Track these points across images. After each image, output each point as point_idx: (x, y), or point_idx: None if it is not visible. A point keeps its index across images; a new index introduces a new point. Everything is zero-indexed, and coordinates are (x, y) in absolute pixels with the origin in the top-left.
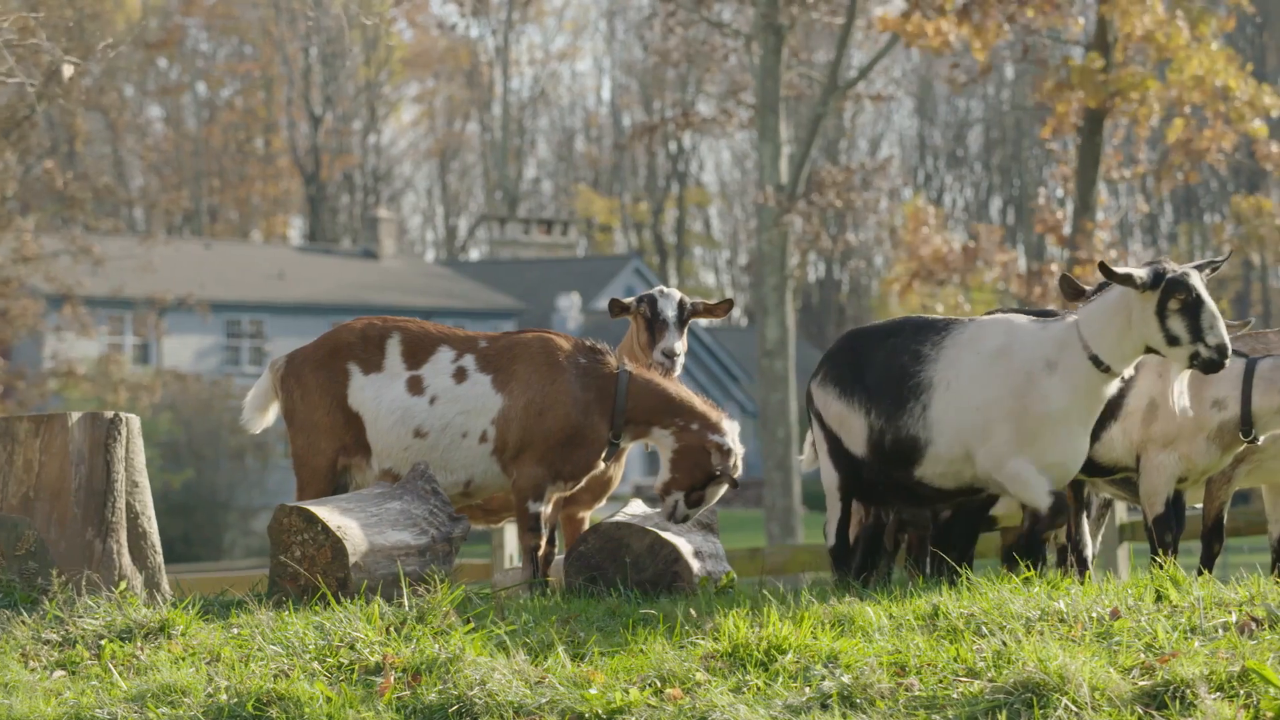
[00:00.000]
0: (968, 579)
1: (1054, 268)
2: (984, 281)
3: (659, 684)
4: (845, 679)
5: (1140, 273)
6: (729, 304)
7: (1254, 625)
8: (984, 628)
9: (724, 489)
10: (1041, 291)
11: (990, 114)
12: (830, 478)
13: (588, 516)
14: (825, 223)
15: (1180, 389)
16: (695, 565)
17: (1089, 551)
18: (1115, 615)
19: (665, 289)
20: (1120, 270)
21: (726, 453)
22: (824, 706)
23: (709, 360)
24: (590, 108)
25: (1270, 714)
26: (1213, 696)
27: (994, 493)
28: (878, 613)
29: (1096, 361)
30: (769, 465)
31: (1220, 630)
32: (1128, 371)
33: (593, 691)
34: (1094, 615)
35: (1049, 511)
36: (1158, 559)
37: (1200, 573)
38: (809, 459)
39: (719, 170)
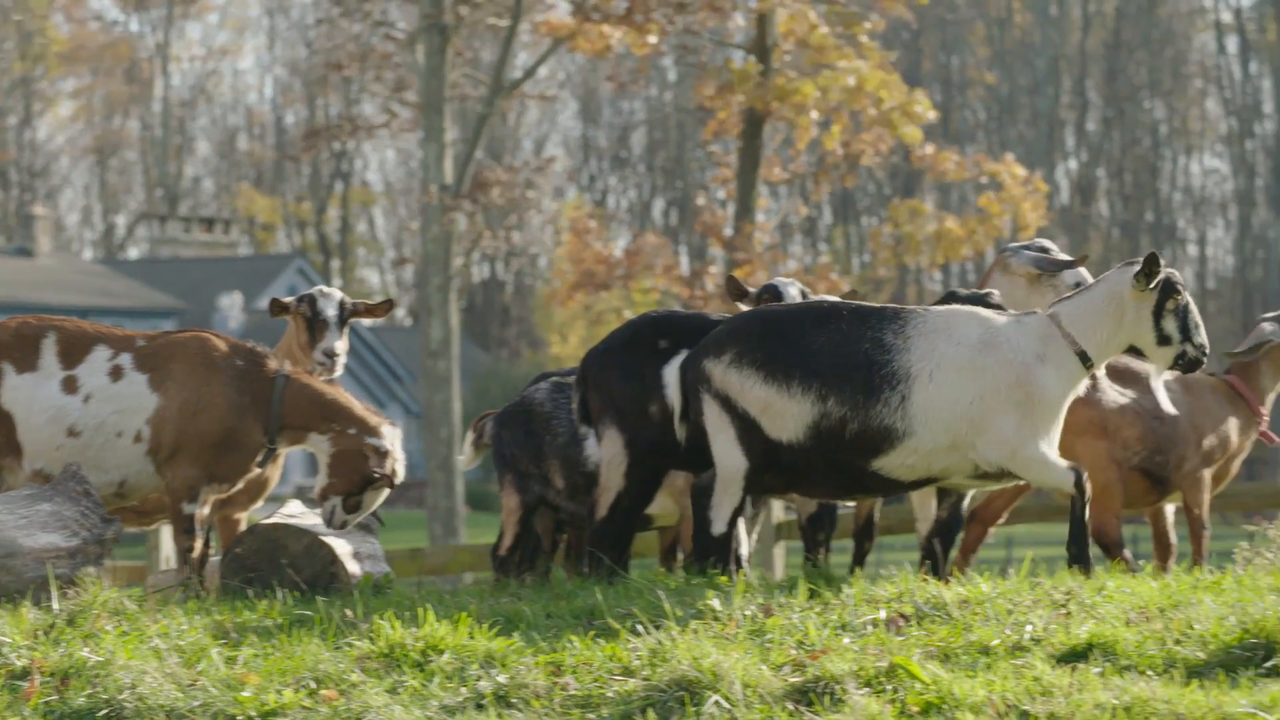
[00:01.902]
0: (625, 578)
1: (712, 269)
2: (647, 285)
3: (314, 685)
4: (502, 679)
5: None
6: (390, 304)
7: (902, 621)
8: (640, 626)
9: (384, 494)
10: (703, 293)
11: (654, 116)
12: (734, 463)
13: (244, 517)
14: (490, 223)
15: (1163, 394)
16: (353, 566)
17: (744, 550)
18: (768, 613)
19: (325, 289)
20: (1158, 272)
21: (384, 455)
22: (479, 707)
23: (372, 360)
24: (253, 105)
25: (916, 708)
26: (861, 692)
27: (953, 486)
28: (536, 612)
29: (1083, 357)
30: (432, 465)
31: (870, 627)
32: (1101, 370)
33: (246, 694)
34: (748, 613)
35: (1076, 487)
36: (811, 557)
37: (852, 571)
38: (468, 458)
39: (383, 169)
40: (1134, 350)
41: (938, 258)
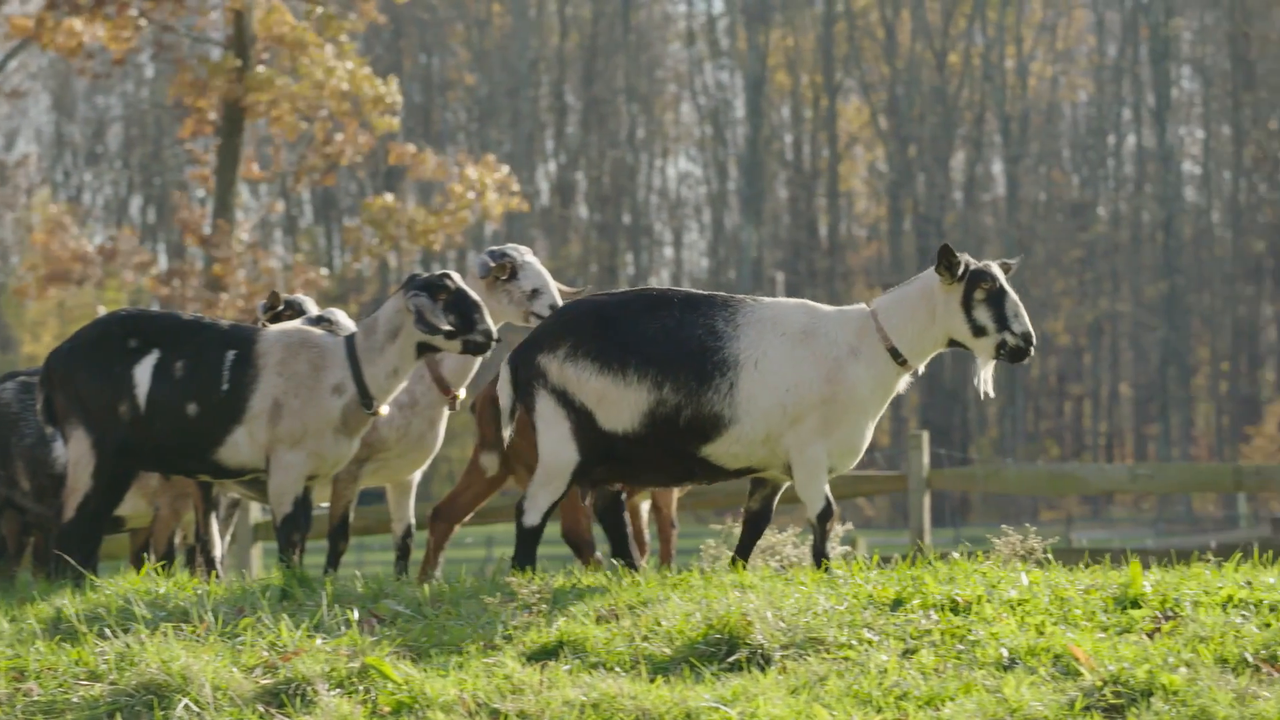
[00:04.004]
0: (93, 581)
1: (186, 268)
2: (123, 281)
3: None
4: None
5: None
6: None
7: (376, 622)
8: (108, 630)
9: None
10: (182, 291)
11: (130, 111)
12: (565, 457)
13: None
14: None
15: (987, 382)
16: None
17: (218, 551)
18: (240, 614)
19: None
20: (959, 262)
21: None
22: None
23: None
24: None
25: (388, 708)
26: (332, 693)
27: (768, 478)
28: None
29: (895, 354)
30: None
31: (343, 628)
32: (920, 367)
33: None
34: (220, 615)
35: (818, 517)
36: (286, 558)
37: (326, 571)
38: None
39: None
40: (958, 345)
41: (411, 247)
